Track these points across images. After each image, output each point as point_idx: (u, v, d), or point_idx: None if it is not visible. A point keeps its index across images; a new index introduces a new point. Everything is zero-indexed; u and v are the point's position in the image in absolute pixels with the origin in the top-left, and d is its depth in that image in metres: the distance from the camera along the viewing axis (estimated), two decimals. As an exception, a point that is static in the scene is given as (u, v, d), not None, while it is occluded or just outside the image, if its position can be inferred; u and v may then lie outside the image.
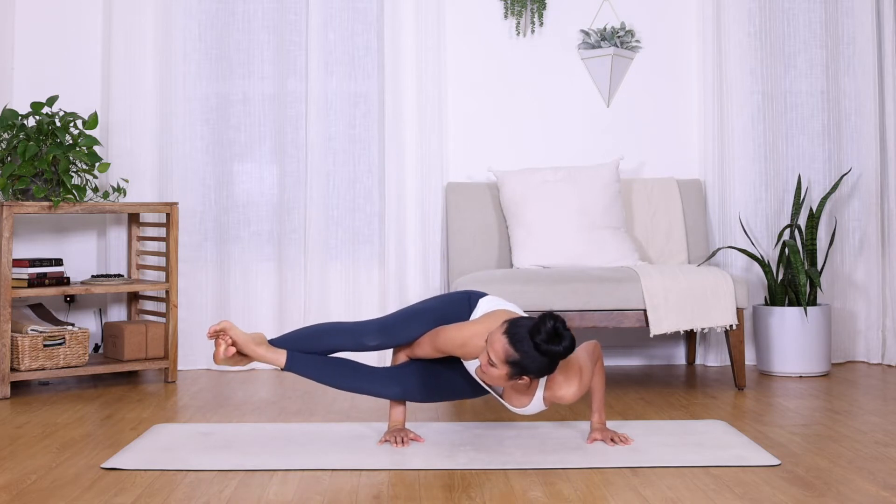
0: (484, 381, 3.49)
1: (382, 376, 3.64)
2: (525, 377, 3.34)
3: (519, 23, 5.57)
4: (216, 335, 3.59)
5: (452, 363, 3.68)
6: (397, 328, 3.64)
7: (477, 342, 3.48)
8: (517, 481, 3.18)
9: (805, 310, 4.99)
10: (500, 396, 3.59)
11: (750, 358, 5.45)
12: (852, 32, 5.55)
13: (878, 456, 3.47)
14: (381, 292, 5.45)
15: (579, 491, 3.06)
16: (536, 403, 3.54)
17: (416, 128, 5.46)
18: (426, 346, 3.61)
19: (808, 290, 5.14)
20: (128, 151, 5.38)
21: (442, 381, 3.68)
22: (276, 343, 3.65)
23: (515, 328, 3.31)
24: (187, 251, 5.43)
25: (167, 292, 5.03)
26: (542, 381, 3.49)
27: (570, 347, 3.29)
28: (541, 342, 3.26)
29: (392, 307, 5.33)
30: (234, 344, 3.59)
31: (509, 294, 4.60)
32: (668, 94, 5.62)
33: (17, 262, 4.80)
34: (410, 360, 3.70)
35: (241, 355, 3.63)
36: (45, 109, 5.27)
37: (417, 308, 3.69)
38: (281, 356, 3.61)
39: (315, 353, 3.65)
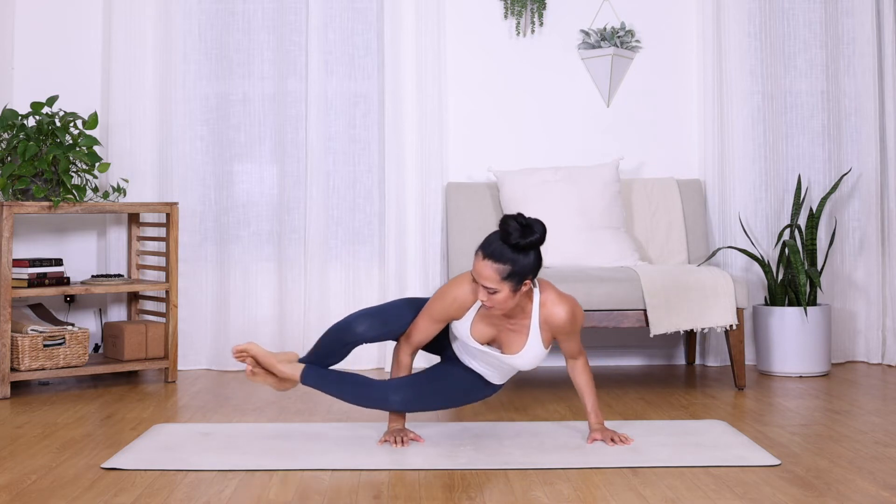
0: (487, 346, 3.53)
1: (385, 387, 3.63)
2: (527, 281, 3.37)
3: (519, 23, 5.57)
4: (240, 354, 3.67)
5: (454, 369, 3.69)
6: (388, 313, 3.66)
7: (465, 290, 3.50)
8: (517, 481, 3.18)
9: (805, 310, 4.99)
10: (499, 351, 3.58)
11: (750, 358, 5.45)
12: (852, 32, 5.55)
13: (878, 456, 3.47)
14: (381, 292, 5.45)
15: (579, 491, 3.06)
16: (534, 340, 3.52)
17: (416, 128, 5.46)
18: (423, 321, 3.59)
19: (808, 290, 5.14)
20: (128, 151, 5.39)
21: (446, 386, 3.66)
22: (305, 358, 3.74)
23: (489, 247, 3.35)
24: (187, 251, 5.43)
25: (167, 292, 5.03)
26: (535, 314, 3.50)
27: (544, 229, 3.36)
28: (518, 241, 3.31)
29: (392, 307, 5.33)
30: (255, 360, 3.68)
31: (509, 294, 4.60)
32: (668, 94, 5.62)
33: (17, 262, 4.80)
34: (412, 374, 3.70)
35: (269, 372, 3.70)
36: (45, 109, 5.27)
37: (408, 299, 3.75)
38: (298, 370, 3.67)
39: (335, 358, 3.68)
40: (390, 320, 3.65)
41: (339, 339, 3.65)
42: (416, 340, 3.65)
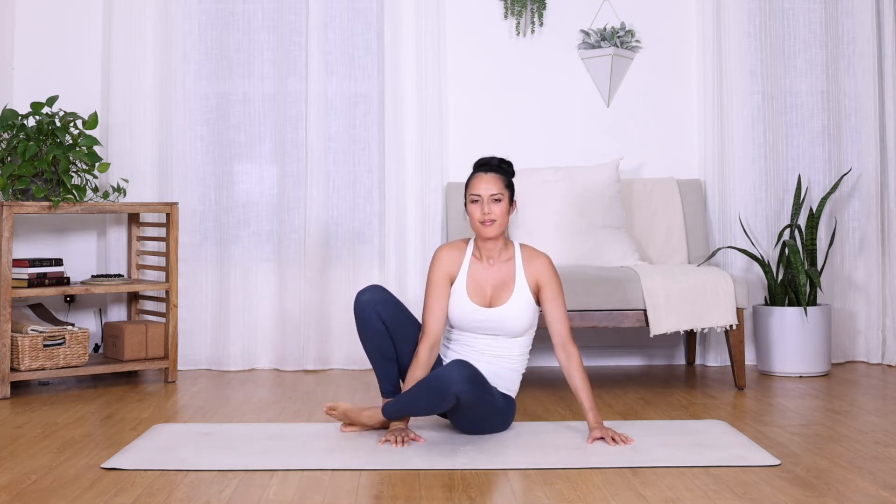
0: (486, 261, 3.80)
1: (444, 371, 3.52)
2: (515, 201, 3.84)
3: (519, 23, 5.57)
4: (330, 411, 3.88)
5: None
6: (391, 295, 3.82)
7: (450, 247, 3.85)
8: (517, 481, 3.18)
9: (805, 310, 4.99)
10: (489, 308, 3.76)
11: (750, 358, 5.45)
12: (852, 32, 5.55)
13: (878, 456, 3.48)
14: (381, 292, 5.45)
15: (579, 491, 3.06)
16: (520, 283, 3.75)
17: (416, 128, 5.46)
18: (429, 298, 3.81)
19: (808, 290, 5.14)
20: (128, 151, 5.39)
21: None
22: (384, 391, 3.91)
23: (486, 167, 3.83)
24: (187, 251, 5.43)
25: (167, 292, 5.03)
26: (518, 254, 3.82)
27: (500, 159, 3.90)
28: (500, 162, 3.85)
29: (392, 307, 5.33)
30: (342, 415, 3.86)
31: (509, 294, 4.60)
32: (668, 94, 5.62)
33: (17, 262, 4.80)
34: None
35: (360, 423, 3.86)
36: (45, 109, 5.27)
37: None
38: (378, 412, 3.79)
39: (377, 352, 3.80)
40: (389, 296, 3.80)
41: (358, 322, 3.78)
42: (430, 322, 3.77)
